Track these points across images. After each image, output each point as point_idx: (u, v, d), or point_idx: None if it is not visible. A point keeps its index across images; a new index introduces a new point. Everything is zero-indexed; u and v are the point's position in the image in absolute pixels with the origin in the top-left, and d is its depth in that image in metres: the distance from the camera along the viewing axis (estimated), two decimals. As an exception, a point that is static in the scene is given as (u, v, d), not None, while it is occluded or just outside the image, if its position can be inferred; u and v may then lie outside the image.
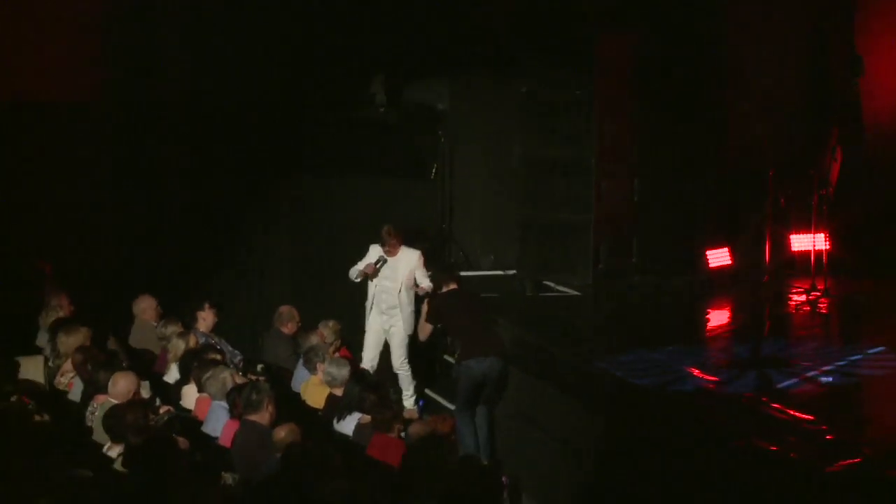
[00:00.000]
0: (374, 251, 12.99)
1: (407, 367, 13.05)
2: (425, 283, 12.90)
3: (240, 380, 10.71)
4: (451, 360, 12.83)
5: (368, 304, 13.06)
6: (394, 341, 13.03)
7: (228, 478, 8.91)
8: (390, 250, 12.87)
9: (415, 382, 13.22)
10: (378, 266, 12.86)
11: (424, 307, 12.38)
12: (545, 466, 11.28)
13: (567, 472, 10.90)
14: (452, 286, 12.17)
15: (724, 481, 9.24)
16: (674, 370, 11.54)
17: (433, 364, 13.82)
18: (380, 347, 13.11)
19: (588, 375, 11.77)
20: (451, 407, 12.54)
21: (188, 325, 12.53)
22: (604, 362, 11.85)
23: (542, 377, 11.92)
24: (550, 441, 11.34)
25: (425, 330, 12.32)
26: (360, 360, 12.95)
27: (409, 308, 12.98)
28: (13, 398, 9.66)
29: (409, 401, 12.97)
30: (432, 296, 12.45)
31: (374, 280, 12.96)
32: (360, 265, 12.96)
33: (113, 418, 9.24)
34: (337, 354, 12.27)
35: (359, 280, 12.96)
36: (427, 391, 13.60)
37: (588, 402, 11.18)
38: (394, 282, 12.91)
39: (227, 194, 15.53)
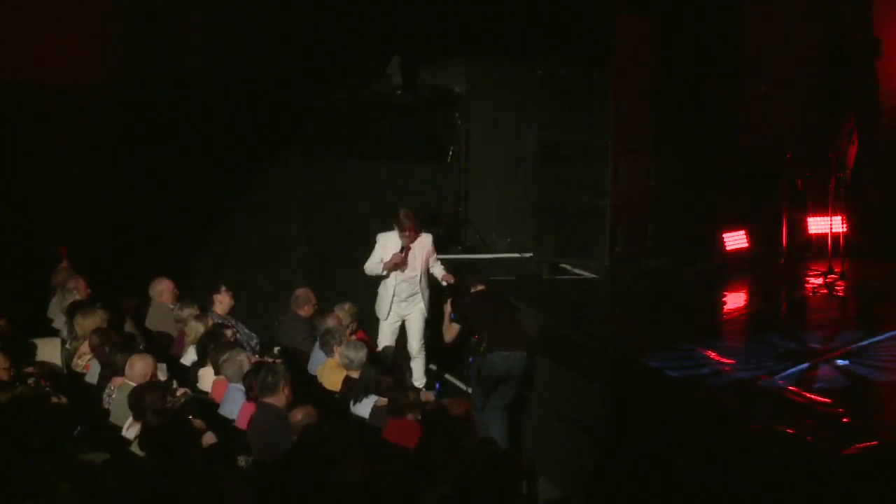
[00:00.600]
0: (385, 240, 12.68)
1: (424, 352, 12.92)
2: (438, 268, 12.82)
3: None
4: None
5: (388, 294, 12.75)
6: (413, 327, 12.86)
7: (241, 460, 8.92)
8: (410, 235, 12.53)
9: (432, 369, 13.16)
10: (405, 255, 12.54)
11: (448, 308, 12.22)
12: (562, 451, 11.27)
13: (584, 455, 10.91)
14: (480, 287, 12.11)
15: (741, 464, 9.24)
16: (700, 358, 11.48)
17: (453, 350, 13.75)
18: (395, 335, 12.96)
19: (605, 359, 11.76)
20: (469, 390, 12.54)
21: (204, 308, 12.55)
22: (648, 358, 11.64)
23: (560, 362, 11.89)
24: (567, 425, 11.34)
25: (452, 331, 12.18)
26: (376, 346, 12.84)
27: (427, 292, 12.83)
28: (31, 380, 9.69)
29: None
30: (458, 297, 12.31)
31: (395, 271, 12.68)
32: (376, 258, 12.67)
33: (135, 398, 9.30)
34: (353, 337, 12.26)
35: (385, 273, 12.62)
36: (447, 376, 13.57)
37: (605, 386, 11.17)
38: (413, 269, 12.66)
39: (243, 177, 15.55)
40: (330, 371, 11.65)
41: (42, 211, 14.73)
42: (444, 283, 12.80)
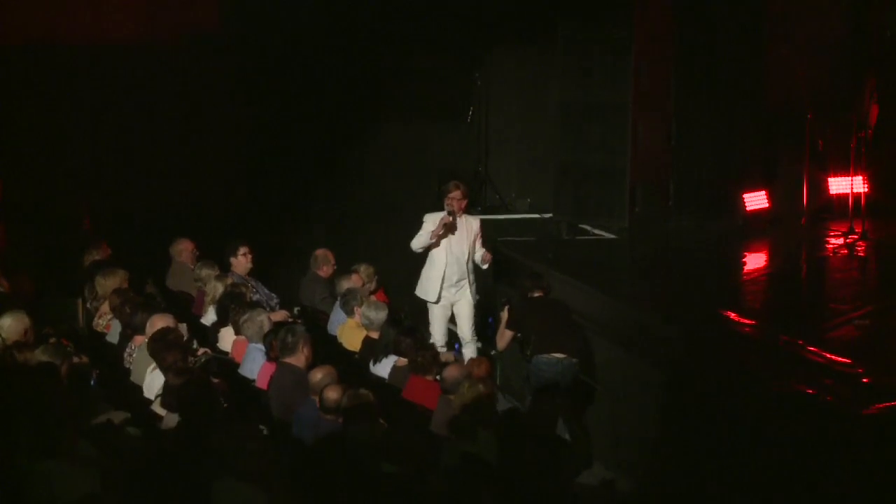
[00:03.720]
0: (433, 219, 12.01)
1: (476, 339, 12.37)
2: (484, 252, 12.27)
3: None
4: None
5: (437, 275, 12.13)
6: (463, 312, 12.30)
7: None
8: (456, 202, 11.93)
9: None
10: (452, 220, 11.95)
11: (504, 315, 11.67)
12: (595, 418, 11.24)
13: (610, 421, 10.91)
14: (538, 293, 11.61)
15: (761, 424, 9.23)
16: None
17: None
18: (447, 319, 12.40)
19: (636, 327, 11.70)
20: (491, 352, 12.51)
21: (225, 268, 12.57)
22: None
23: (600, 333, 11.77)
24: (604, 395, 11.31)
25: (504, 338, 11.63)
26: (398, 306, 12.51)
27: (474, 275, 12.26)
28: (52, 340, 9.73)
29: None
30: (513, 303, 11.81)
31: (445, 250, 12.07)
32: (423, 232, 12.01)
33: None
34: (373, 297, 12.26)
35: (433, 241, 11.99)
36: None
37: (635, 353, 11.10)
38: (462, 250, 12.08)
39: (263, 139, 15.56)
40: (350, 331, 11.67)
41: (65, 171, 14.77)
42: (485, 266, 12.30)
